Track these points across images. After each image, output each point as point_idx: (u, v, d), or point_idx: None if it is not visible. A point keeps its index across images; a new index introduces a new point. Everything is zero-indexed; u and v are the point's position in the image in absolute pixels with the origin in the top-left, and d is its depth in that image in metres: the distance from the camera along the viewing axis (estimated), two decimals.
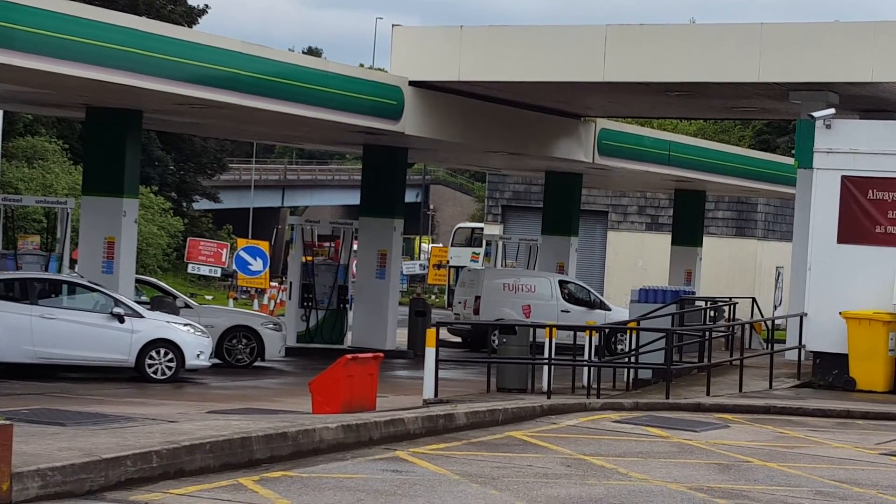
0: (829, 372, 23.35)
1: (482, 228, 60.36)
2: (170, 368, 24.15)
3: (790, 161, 39.08)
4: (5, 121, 42.54)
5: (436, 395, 20.49)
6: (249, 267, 43.87)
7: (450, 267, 59.26)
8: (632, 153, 37.65)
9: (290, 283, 33.39)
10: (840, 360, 23.13)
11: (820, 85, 26.19)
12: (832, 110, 24.23)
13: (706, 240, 46.94)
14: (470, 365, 28.03)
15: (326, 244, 33.90)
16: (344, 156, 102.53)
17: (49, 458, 10.79)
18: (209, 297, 48.83)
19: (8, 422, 10.23)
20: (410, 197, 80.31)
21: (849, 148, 23.50)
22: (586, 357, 23.02)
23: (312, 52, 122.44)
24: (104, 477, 10.88)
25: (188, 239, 49.44)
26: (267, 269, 44.57)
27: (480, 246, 57.00)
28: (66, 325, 23.87)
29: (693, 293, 30.13)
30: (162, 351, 24.14)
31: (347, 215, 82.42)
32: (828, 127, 23.67)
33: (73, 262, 29.78)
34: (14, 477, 10.12)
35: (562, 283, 35.84)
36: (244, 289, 50.56)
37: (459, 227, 69.19)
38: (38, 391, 21.71)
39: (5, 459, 10.05)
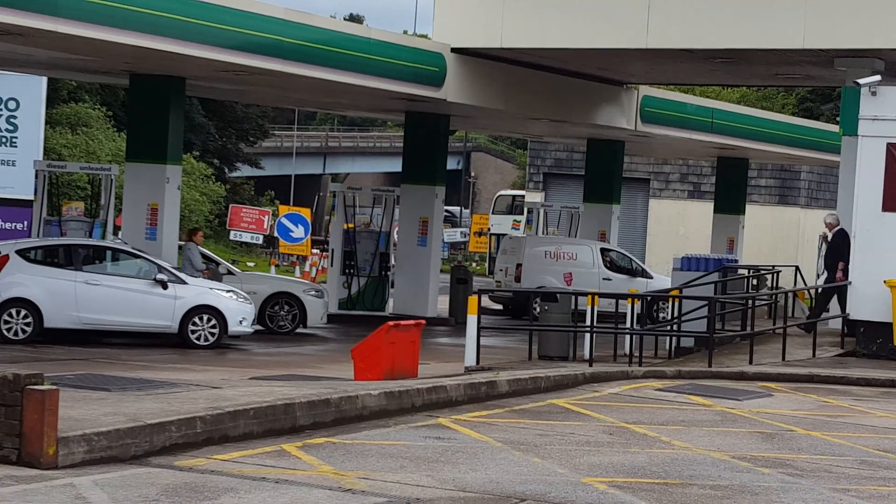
0: (874, 341, 23.20)
1: (523, 196, 60.24)
2: (213, 334, 24.27)
3: (834, 128, 38.78)
4: (49, 88, 42.66)
5: (477, 362, 20.49)
6: (291, 234, 44.01)
7: (491, 234, 59.24)
8: (675, 120, 37.47)
9: (332, 250, 33.48)
10: (884, 329, 22.97)
11: (866, 52, 25.94)
12: (878, 77, 23.99)
13: (749, 208, 46.67)
14: (511, 332, 28.02)
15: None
16: (385, 123, 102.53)
17: (94, 423, 10.85)
18: (251, 264, 49.02)
19: (54, 387, 10.30)
20: (452, 164, 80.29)
21: (895, 115, 23.28)
22: (628, 325, 22.97)
23: (354, 18, 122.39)
24: (149, 442, 10.95)
25: (230, 206, 49.61)
26: (308, 236, 44.71)
27: (522, 213, 56.95)
28: (109, 291, 24.02)
29: (736, 261, 29.97)
30: (205, 317, 24.26)
31: (389, 182, 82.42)
32: (873, 94, 23.44)
33: (116, 229, 29.93)
34: (60, 441, 10.19)
35: (603, 251, 35.78)
36: (286, 256, 50.74)
37: (501, 195, 69.06)
38: (82, 357, 21.86)
39: (52, 424, 10.12)
